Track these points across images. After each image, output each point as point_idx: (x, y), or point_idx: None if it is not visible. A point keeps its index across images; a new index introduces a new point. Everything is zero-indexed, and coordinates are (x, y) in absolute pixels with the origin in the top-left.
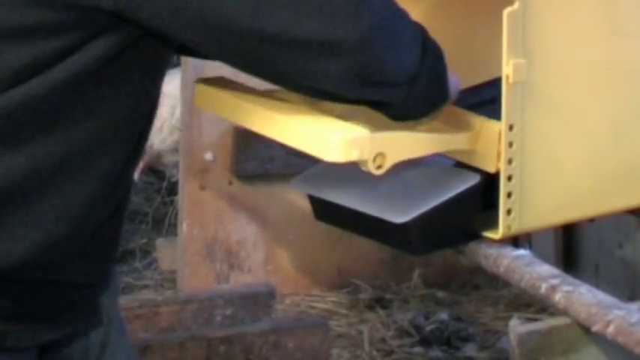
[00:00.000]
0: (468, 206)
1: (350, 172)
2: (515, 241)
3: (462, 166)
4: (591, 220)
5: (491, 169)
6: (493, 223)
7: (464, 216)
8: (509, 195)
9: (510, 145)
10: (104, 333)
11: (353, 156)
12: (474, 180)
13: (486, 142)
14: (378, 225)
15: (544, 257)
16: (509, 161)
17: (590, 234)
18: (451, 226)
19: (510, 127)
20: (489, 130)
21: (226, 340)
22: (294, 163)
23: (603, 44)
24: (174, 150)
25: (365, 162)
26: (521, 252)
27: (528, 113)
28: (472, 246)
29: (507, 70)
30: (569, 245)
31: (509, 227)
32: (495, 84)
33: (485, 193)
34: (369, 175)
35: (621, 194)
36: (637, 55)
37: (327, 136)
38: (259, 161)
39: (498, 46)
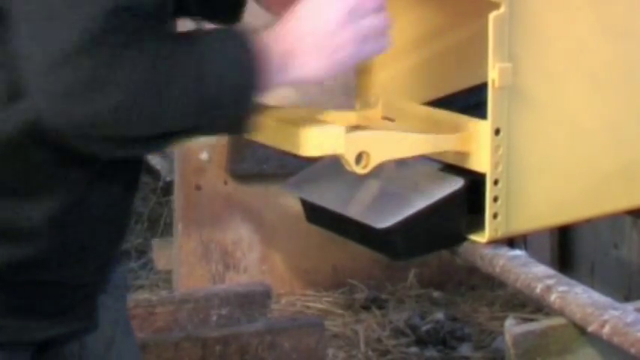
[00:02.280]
0: (451, 211)
1: (340, 176)
2: (510, 241)
3: (447, 170)
4: (587, 221)
5: (485, 170)
6: (480, 227)
7: (448, 220)
8: (495, 199)
9: (497, 149)
10: (110, 334)
11: (325, 150)
12: (457, 184)
13: (479, 142)
14: (362, 229)
15: (540, 257)
16: (496, 165)
17: (585, 234)
18: (435, 231)
19: (497, 132)
20: (483, 131)
21: (222, 340)
22: (290, 164)
23: (593, 46)
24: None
25: (346, 160)
26: (517, 252)
27: (515, 117)
28: (468, 246)
29: (493, 74)
30: (564, 245)
31: (495, 231)
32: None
33: (470, 197)
34: (357, 179)
35: (616, 196)
36: (627, 55)
37: (300, 130)
38: (255, 161)
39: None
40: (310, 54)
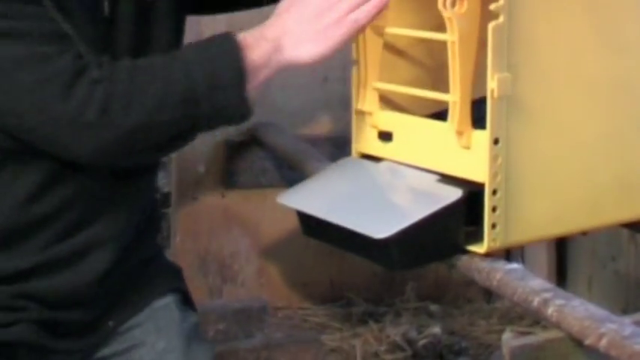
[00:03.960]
0: (450, 221)
1: (336, 188)
2: (507, 254)
3: (446, 181)
4: (584, 233)
5: (484, 180)
6: (478, 239)
7: (446, 231)
8: (494, 209)
9: (495, 158)
10: None
11: None
12: (456, 195)
13: (478, 152)
14: (360, 240)
15: (537, 270)
16: (495, 175)
17: (582, 247)
18: (433, 242)
19: (495, 141)
20: (481, 140)
21: (219, 356)
22: (287, 176)
23: (590, 58)
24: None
25: None
26: (514, 266)
27: (514, 127)
28: (465, 260)
29: (492, 84)
30: (562, 258)
31: (494, 241)
32: None
33: (469, 208)
34: (354, 190)
35: (612, 208)
36: (625, 67)
37: None
38: (252, 174)
39: None
40: (302, 35)
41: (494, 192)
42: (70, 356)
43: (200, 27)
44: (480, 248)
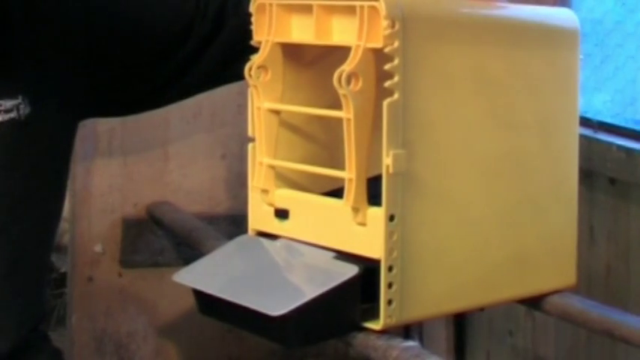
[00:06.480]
0: (346, 298)
1: (233, 266)
2: (407, 330)
3: (342, 258)
4: (481, 309)
5: (380, 256)
6: (374, 315)
7: (343, 308)
8: (390, 285)
9: (391, 235)
10: None
11: None
12: (352, 272)
13: (374, 229)
14: (257, 318)
15: (436, 346)
16: (390, 252)
17: (480, 322)
18: (329, 319)
19: (391, 218)
20: (377, 217)
21: None
22: (185, 255)
23: (484, 135)
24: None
25: None
26: (410, 343)
27: (409, 204)
28: (361, 337)
29: (387, 160)
30: (460, 334)
31: (390, 317)
32: None
33: (365, 284)
34: (251, 268)
35: (509, 285)
36: (519, 145)
37: None
38: (149, 253)
39: None
40: None
41: (390, 268)
42: None
43: None
44: (376, 325)
